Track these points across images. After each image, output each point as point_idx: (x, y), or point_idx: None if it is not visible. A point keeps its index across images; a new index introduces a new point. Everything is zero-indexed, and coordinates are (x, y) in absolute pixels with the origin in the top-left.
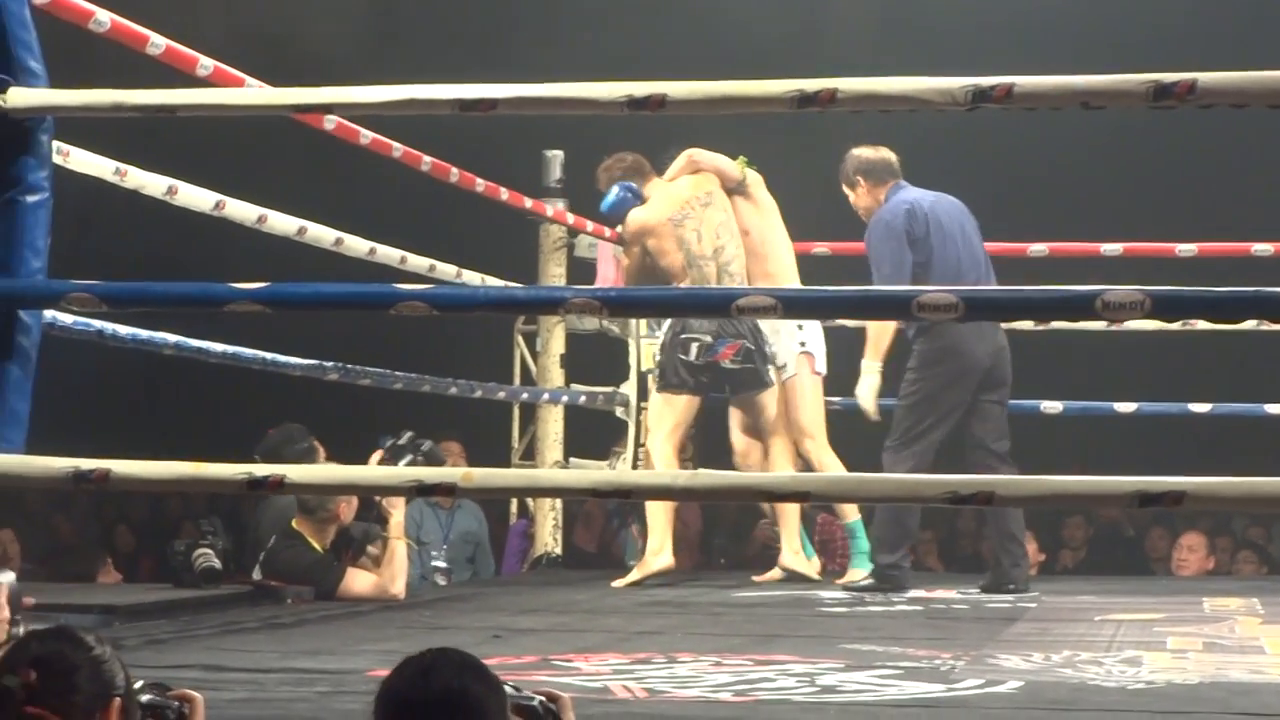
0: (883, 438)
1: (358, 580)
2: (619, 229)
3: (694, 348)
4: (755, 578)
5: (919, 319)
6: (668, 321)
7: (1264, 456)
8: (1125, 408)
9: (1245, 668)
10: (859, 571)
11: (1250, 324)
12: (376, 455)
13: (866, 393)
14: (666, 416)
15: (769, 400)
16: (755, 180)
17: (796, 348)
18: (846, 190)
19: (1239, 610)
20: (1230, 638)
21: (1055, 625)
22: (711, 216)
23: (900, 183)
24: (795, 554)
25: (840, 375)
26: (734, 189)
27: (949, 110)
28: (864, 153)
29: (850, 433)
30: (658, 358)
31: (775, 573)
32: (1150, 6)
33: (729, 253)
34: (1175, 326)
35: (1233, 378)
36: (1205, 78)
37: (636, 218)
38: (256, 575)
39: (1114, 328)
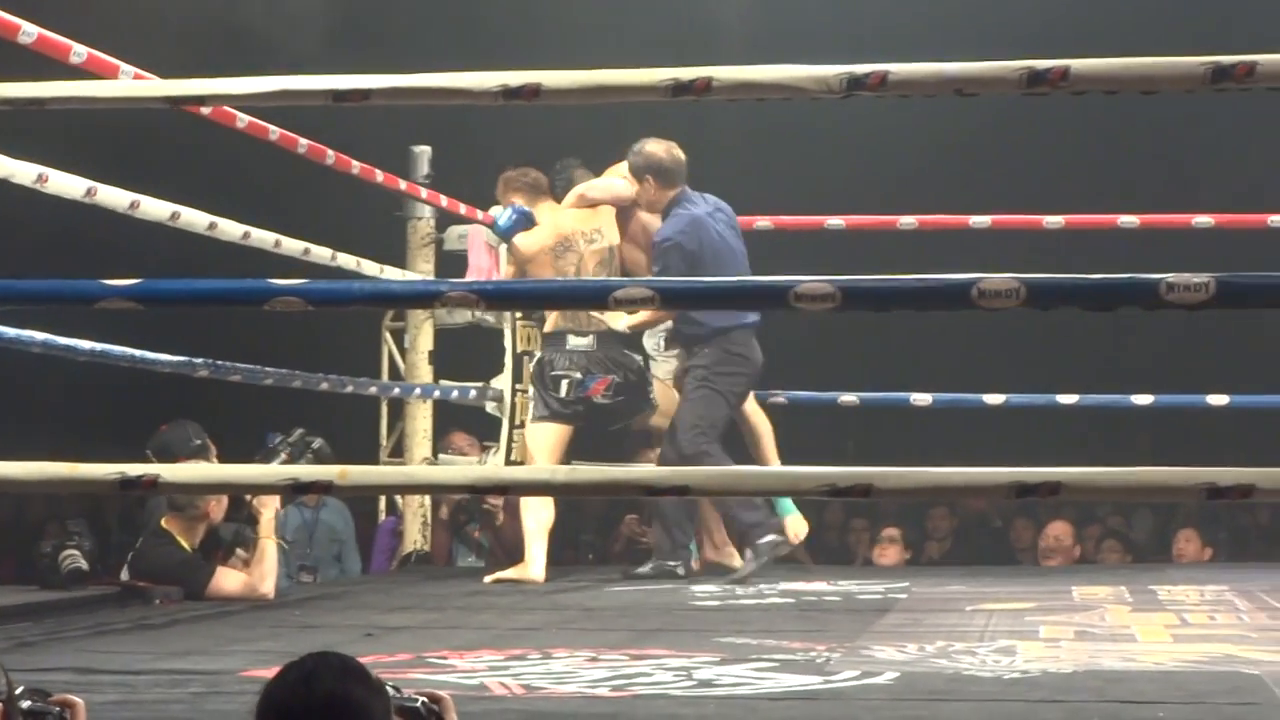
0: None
1: (227, 580)
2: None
3: (564, 385)
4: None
5: (796, 308)
6: (536, 355)
7: (1130, 447)
8: (994, 399)
9: (1118, 655)
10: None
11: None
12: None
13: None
14: (544, 445)
15: (658, 420)
16: None
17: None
18: (629, 177)
19: (1108, 599)
20: (1101, 626)
21: (927, 616)
22: (595, 254)
23: (685, 190)
24: (718, 548)
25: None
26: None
27: (824, 98)
28: (657, 150)
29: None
30: (529, 390)
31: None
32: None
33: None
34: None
35: (1099, 368)
36: (1078, 64)
37: (519, 244)
38: (125, 575)
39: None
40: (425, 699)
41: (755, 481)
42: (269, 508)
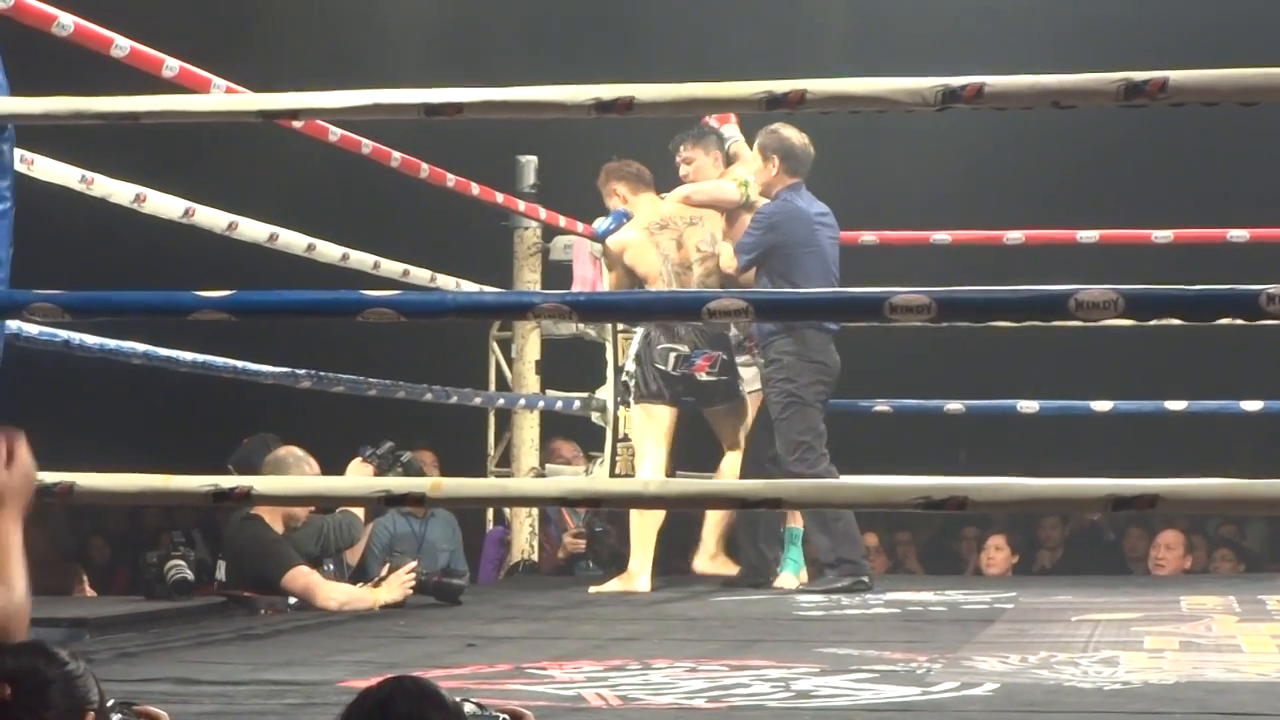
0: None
1: (307, 578)
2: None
3: (671, 358)
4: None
5: (891, 320)
6: (640, 332)
7: (1240, 455)
8: (1102, 406)
9: (1222, 666)
10: (789, 577)
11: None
12: (355, 462)
13: None
14: (650, 427)
15: (740, 412)
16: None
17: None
18: (758, 158)
19: (1216, 609)
20: (1207, 636)
21: (1032, 626)
22: (695, 233)
23: (801, 184)
24: (711, 559)
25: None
26: (743, 207)
27: (919, 110)
28: (791, 135)
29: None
30: (631, 369)
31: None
32: (1126, 6)
33: (711, 266)
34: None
35: (1208, 375)
36: (1176, 76)
37: (610, 242)
38: (219, 573)
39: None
40: (507, 715)
41: (849, 494)
42: (398, 592)
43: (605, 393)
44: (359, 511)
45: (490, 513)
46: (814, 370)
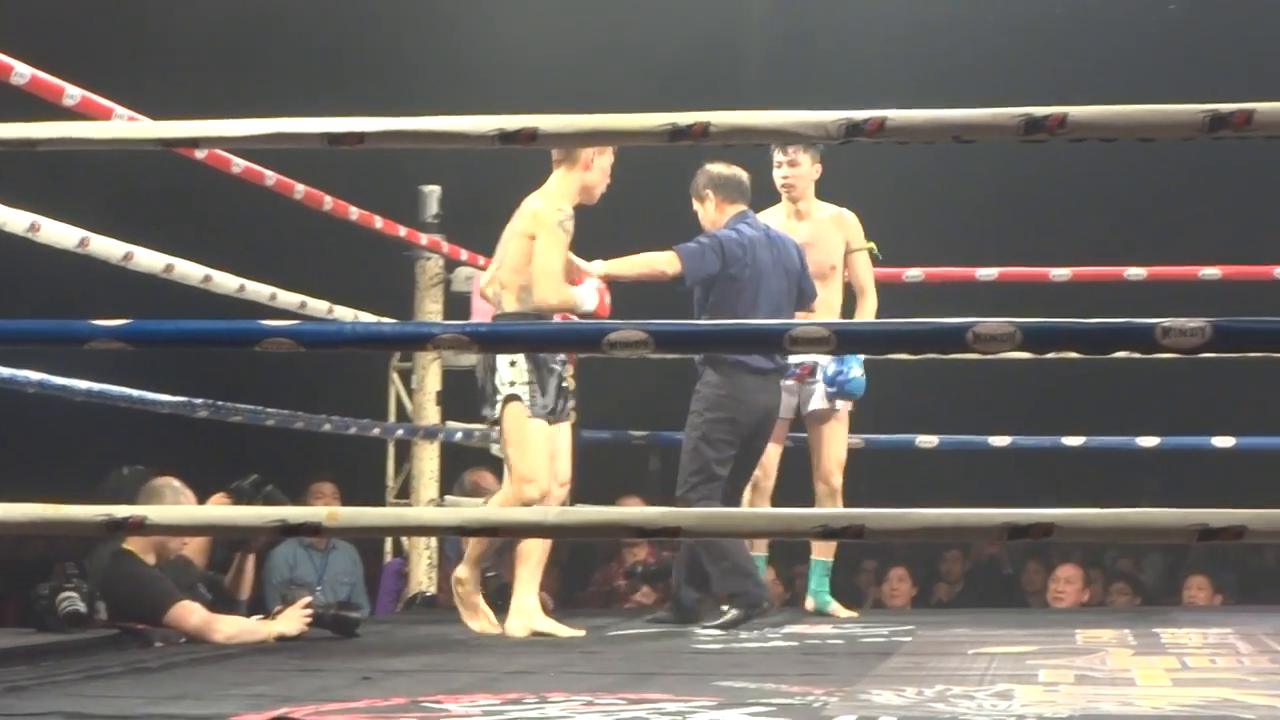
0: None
1: (191, 612)
2: None
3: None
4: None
5: (792, 352)
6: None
7: (1136, 489)
8: (1000, 441)
9: (1116, 700)
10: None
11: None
12: (217, 497)
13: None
14: (539, 444)
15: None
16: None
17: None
18: (695, 204)
19: (1111, 642)
20: (1102, 669)
21: (929, 659)
22: None
23: (747, 211)
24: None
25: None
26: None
27: (823, 144)
28: (719, 169)
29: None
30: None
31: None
32: (1027, 40)
33: None
34: (1046, 357)
35: (1104, 410)
36: (1076, 111)
37: None
38: (100, 607)
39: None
40: None
41: (750, 523)
42: (294, 625)
43: None
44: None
45: (389, 544)
46: (729, 409)
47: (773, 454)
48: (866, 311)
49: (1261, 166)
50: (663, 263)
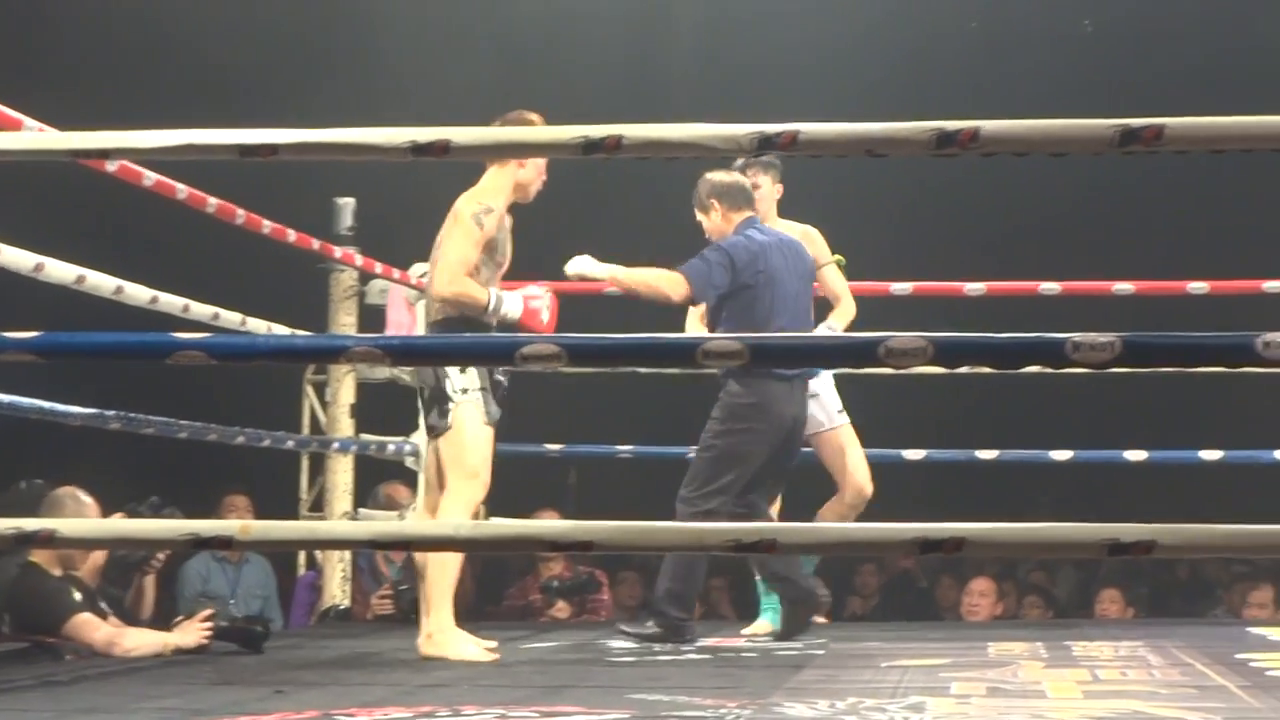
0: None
1: (90, 626)
2: None
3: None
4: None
5: (705, 366)
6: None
7: (1044, 503)
8: (914, 455)
9: (1027, 712)
10: (764, 624)
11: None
12: (116, 517)
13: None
14: (484, 452)
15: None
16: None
17: (838, 402)
18: (699, 215)
19: (1023, 654)
20: (1013, 682)
21: (842, 672)
22: None
23: (754, 216)
24: (427, 637)
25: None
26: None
27: (734, 156)
28: (720, 177)
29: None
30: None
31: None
32: (943, 56)
33: None
34: (960, 371)
35: (1016, 425)
36: (988, 126)
37: None
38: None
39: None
40: None
41: (663, 538)
42: (192, 638)
43: (419, 437)
44: None
45: (302, 558)
46: (753, 419)
47: None
48: (844, 319)
49: (1176, 182)
50: (668, 284)
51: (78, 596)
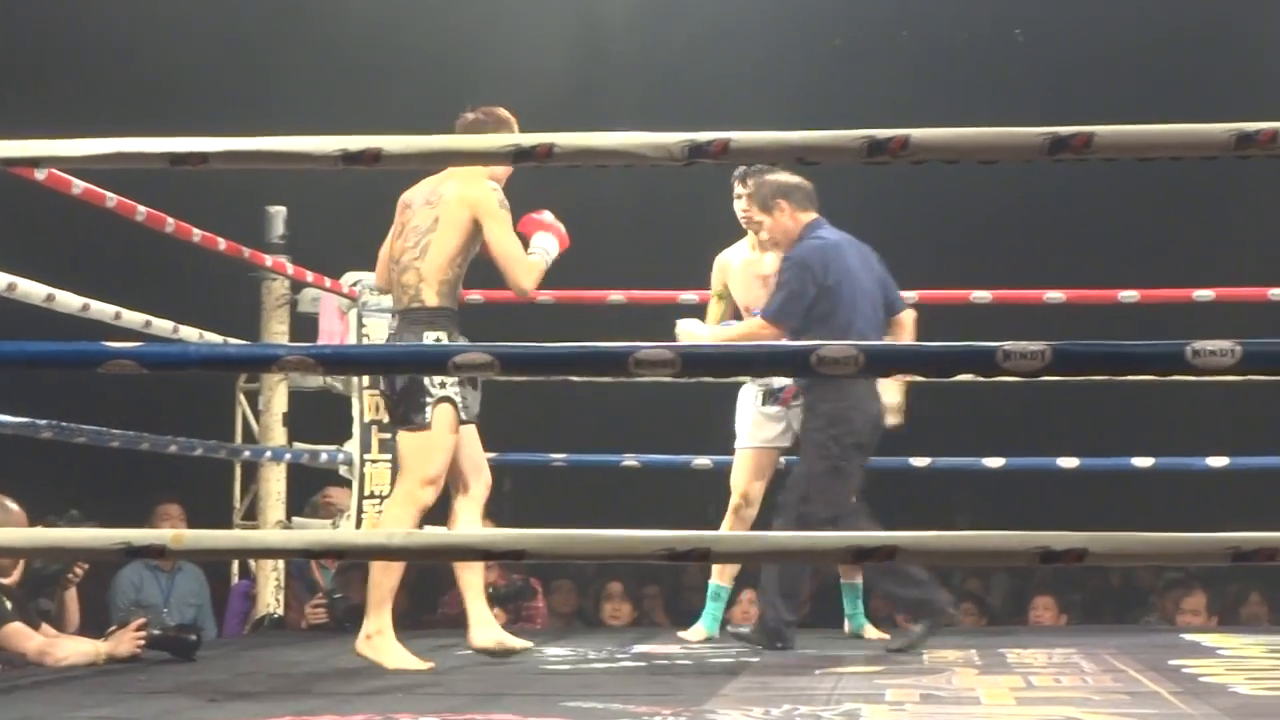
0: None
1: (15, 634)
2: None
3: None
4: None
5: (636, 375)
6: None
7: (985, 509)
8: None
9: (961, 718)
10: (700, 630)
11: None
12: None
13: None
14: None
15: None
16: None
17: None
18: (761, 215)
19: (957, 661)
20: (947, 689)
21: (777, 679)
22: None
23: (820, 218)
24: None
25: None
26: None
27: (665, 165)
28: (784, 177)
29: None
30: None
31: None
32: (874, 65)
33: None
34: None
35: (952, 432)
36: (918, 134)
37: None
38: None
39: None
40: None
41: (595, 545)
42: (126, 646)
43: (352, 446)
44: None
45: (236, 566)
46: (853, 419)
47: (761, 486)
48: None
49: (1107, 191)
50: (770, 336)
51: (8, 605)
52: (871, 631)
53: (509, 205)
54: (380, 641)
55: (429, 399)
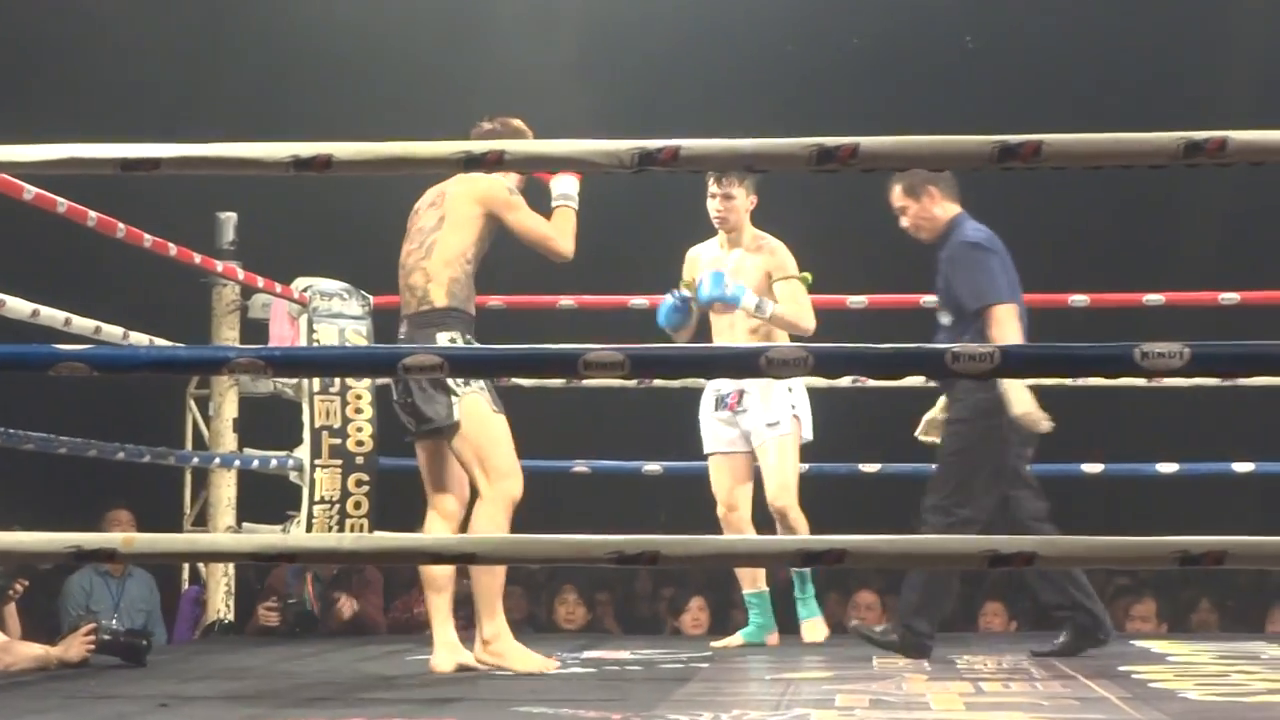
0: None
1: None
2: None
3: (394, 387)
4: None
5: (585, 376)
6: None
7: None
8: (870, 468)
9: None
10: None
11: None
12: None
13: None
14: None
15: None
16: None
17: (789, 408)
18: (903, 201)
19: (906, 668)
20: (897, 695)
21: (727, 685)
22: None
23: (964, 212)
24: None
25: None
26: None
27: (615, 172)
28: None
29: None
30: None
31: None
32: (825, 72)
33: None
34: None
35: (902, 437)
36: (867, 142)
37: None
38: None
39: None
40: None
41: (545, 549)
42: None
43: (303, 451)
44: None
45: (186, 572)
46: (997, 413)
47: (742, 490)
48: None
49: (1056, 197)
50: (1014, 318)
51: None
52: (812, 630)
53: (519, 189)
54: (501, 645)
55: (454, 397)
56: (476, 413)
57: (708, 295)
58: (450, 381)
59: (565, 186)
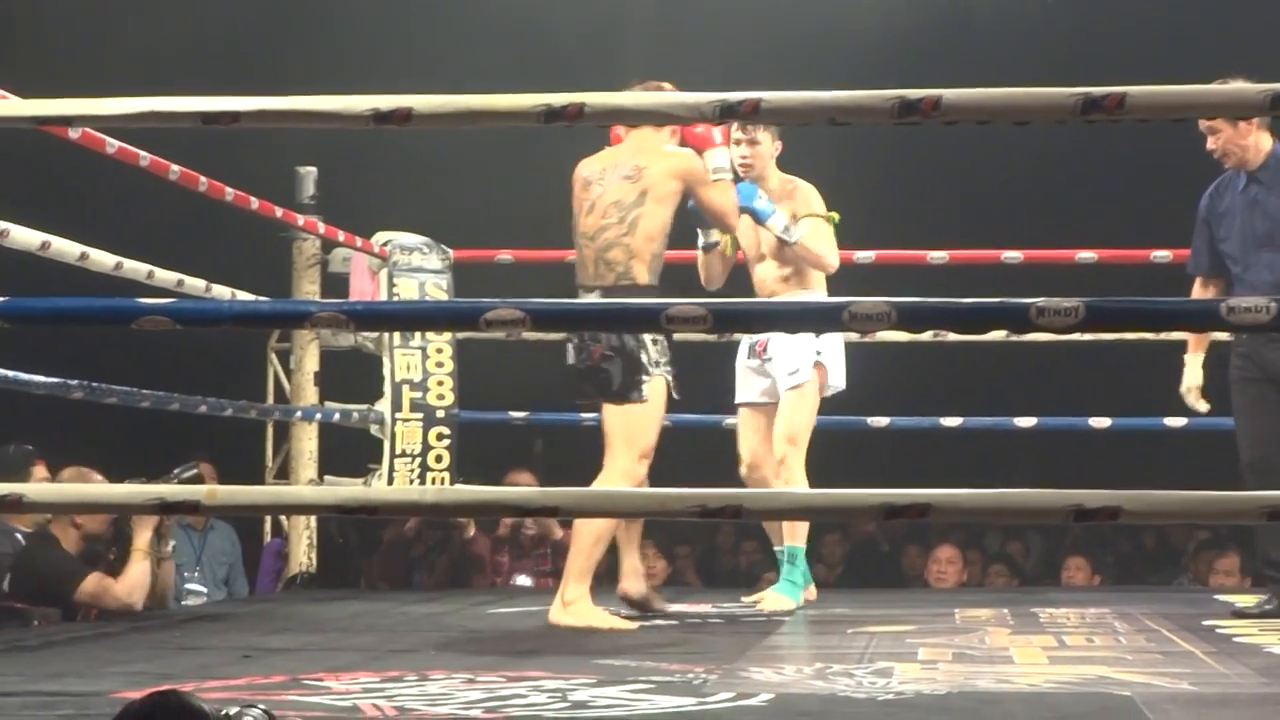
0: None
1: (97, 585)
2: None
3: (569, 349)
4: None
5: (669, 331)
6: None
7: (1016, 468)
8: (879, 422)
9: (993, 677)
10: (780, 598)
11: (998, 335)
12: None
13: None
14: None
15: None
16: None
17: (812, 355)
18: (1222, 125)
19: (989, 621)
20: (980, 648)
21: (809, 638)
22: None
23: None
24: (626, 576)
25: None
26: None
27: (696, 123)
28: None
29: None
30: (659, 362)
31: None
32: (905, 26)
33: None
34: (925, 337)
35: (981, 391)
36: (949, 94)
37: None
38: (5, 583)
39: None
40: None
41: (628, 502)
42: (145, 527)
43: (383, 405)
44: None
45: (268, 526)
46: (1244, 369)
47: (766, 448)
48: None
49: (992, 151)
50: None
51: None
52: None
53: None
54: (579, 607)
55: (647, 377)
56: (659, 394)
57: (741, 204)
58: (645, 360)
59: (720, 160)
